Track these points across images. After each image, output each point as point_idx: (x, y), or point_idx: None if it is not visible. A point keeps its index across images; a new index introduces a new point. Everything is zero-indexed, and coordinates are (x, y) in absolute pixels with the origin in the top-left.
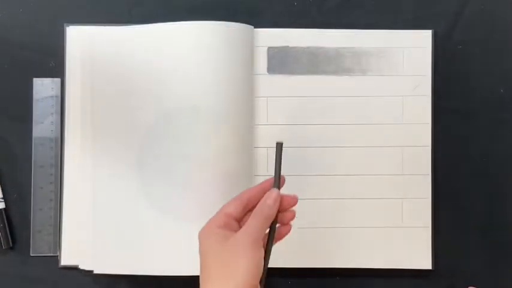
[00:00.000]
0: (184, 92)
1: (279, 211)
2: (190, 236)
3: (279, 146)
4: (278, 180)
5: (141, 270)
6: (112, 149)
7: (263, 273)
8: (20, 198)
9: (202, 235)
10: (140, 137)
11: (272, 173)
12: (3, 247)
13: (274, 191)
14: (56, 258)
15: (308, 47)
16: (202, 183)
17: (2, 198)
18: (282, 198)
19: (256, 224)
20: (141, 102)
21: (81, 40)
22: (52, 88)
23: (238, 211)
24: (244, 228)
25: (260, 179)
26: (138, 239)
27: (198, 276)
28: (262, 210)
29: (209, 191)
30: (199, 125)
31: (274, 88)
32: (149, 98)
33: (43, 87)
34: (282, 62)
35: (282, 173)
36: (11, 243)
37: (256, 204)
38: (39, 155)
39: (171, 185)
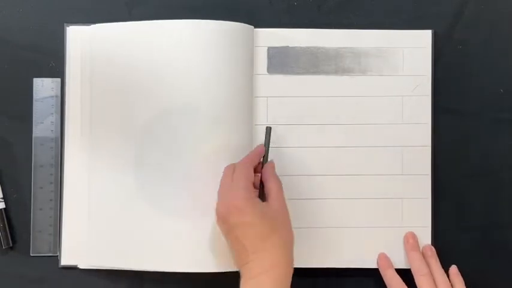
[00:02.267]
0: (184, 92)
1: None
2: (188, 234)
3: (269, 130)
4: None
5: (138, 266)
6: (112, 148)
7: None
8: (20, 198)
9: (240, 204)
10: (139, 135)
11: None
12: (3, 247)
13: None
14: (56, 258)
15: (308, 47)
16: (201, 182)
17: (2, 198)
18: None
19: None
20: (140, 101)
21: (81, 40)
22: (52, 88)
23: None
24: (272, 199)
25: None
26: (135, 236)
27: (194, 273)
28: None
29: (207, 190)
30: (199, 124)
31: (274, 88)
32: (149, 97)
33: (43, 87)
34: (282, 62)
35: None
36: (11, 243)
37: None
38: (39, 155)
39: (169, 184)
